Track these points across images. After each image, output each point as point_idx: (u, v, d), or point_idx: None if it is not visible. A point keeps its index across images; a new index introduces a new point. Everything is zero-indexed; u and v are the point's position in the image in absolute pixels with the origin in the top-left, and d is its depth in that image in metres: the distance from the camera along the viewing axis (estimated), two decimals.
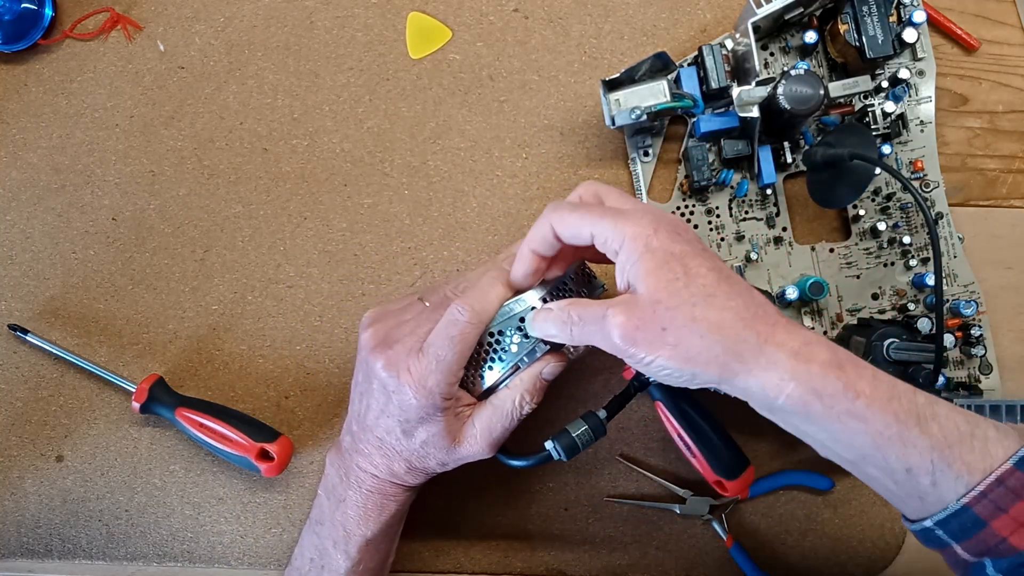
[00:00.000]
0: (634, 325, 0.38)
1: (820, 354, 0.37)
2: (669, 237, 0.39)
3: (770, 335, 0.37)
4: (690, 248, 0.39)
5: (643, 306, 0.38)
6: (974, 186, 0.57)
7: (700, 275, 0.38)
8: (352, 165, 0.59)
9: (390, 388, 0.45)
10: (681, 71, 0.54)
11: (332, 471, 0.49)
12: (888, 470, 0.37)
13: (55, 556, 0.59)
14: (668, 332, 0.37)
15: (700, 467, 0.55)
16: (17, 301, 0.59)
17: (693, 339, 0.37)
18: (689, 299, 0.37)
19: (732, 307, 0.38)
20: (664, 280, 0.38)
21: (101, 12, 0.60)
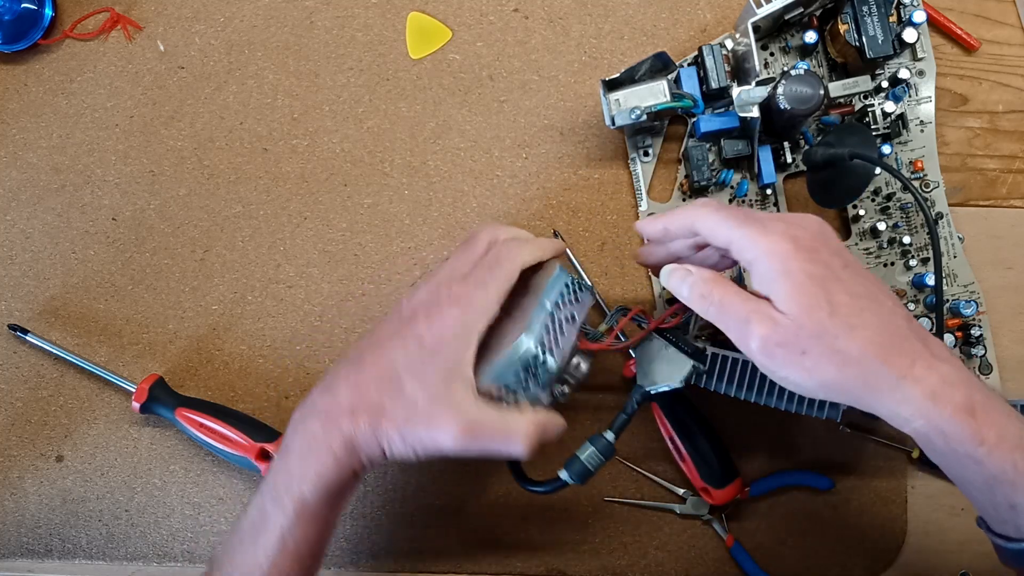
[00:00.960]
0: (775, 342, 0.38)
1: (955, 396, 0.37)
2: (808, 257, 0.38)
3: (908, 370, 0.38)
4: (829, 271, 0.39)
5: (785, 326, 0.38)
6: (974, 186, 0.57)
7: (842, 303, 0.38)
8: (352, 165, 0.59)
9: (424, 303, 0.44)
10: (681, 71, 0.54)
11: (290, 423, 0.44)
12: (992, 503, 0.38)
13: (55, 556, 0.59)
14: (807, 356, 0.38)
15: (688, 472, 0.55)
16: (17, 301, 0.59)
17: (830, 369, 0.38)
18: (832, 329, 0.38)
19: (873, 339, 0.38)
20: (807, 307, 0.38)
21: (101, 12, 0.60)
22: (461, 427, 0.41)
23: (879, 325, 0.38)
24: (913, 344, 0.38)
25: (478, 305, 0.43)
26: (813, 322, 0.38)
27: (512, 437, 0.42)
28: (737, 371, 0.48)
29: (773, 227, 0.39)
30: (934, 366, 0.38)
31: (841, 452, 0.57)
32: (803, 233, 0.39)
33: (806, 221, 0.41)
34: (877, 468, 0.56)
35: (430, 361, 0.42)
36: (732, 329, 0.40)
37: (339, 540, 0.58)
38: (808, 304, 0.38)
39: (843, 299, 0.38)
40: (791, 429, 0.57)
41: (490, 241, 0.46)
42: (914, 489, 0.57)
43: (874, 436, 0.56)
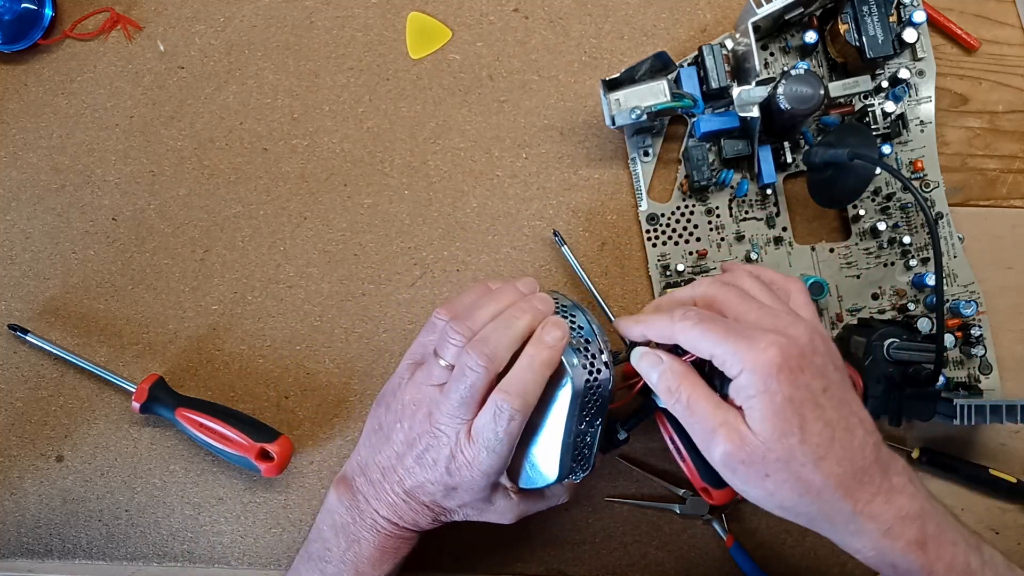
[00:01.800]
0: (739, 459, 0.39)
1: (908, 531, 0.38)
2: (790, 379, 0.38)
3: (867, 505, 0.38)
4: (809, 395, 0.38)
5: (753, 445, 0.38)
6: (974, 186, 0.57)
7: (815, 432, 0.38)
8: (352, 165, 0.59)
9: (440, 460, 0.43)
10: (681, 71, 0.54)
11: (342, 509, 0.47)
12: None
13: (55, 556, 0.59)
14: (770, 479, 0.39)
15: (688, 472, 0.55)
16: (17, 301, 0.59)
17: (791, 495, 0.39)
18: (799, 458, 0.38)
19: (838, 473, 0.38)
20: (780, 431, 0.38)
21: (101, 12, 0.60)
22: (509, 519, 0.47)
23: (846, 457, 0.38)
24: (875, 476, 0.39)
25: (492, 467, 0.43)
26: (782, 447, 0.38)
27: (556, 501, 0.49)
28: None
29: (759, 338, 0.38)
30: (892, 500, 0.39)
31: None
32: (791, 348, 0.38)
33: (797, 330, 0.39)
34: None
35: (463, 495, 0.45)
36: (697, 433, 0.40)
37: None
38: (781, 429, 0.38)
39: (816, 427, 0.38)
40: None
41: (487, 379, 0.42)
42: None
43: None
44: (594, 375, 0.43)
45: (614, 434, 0.51)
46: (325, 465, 0.58)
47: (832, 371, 0.40)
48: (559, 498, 0.49)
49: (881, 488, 0.39)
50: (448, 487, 0.44)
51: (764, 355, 0.38)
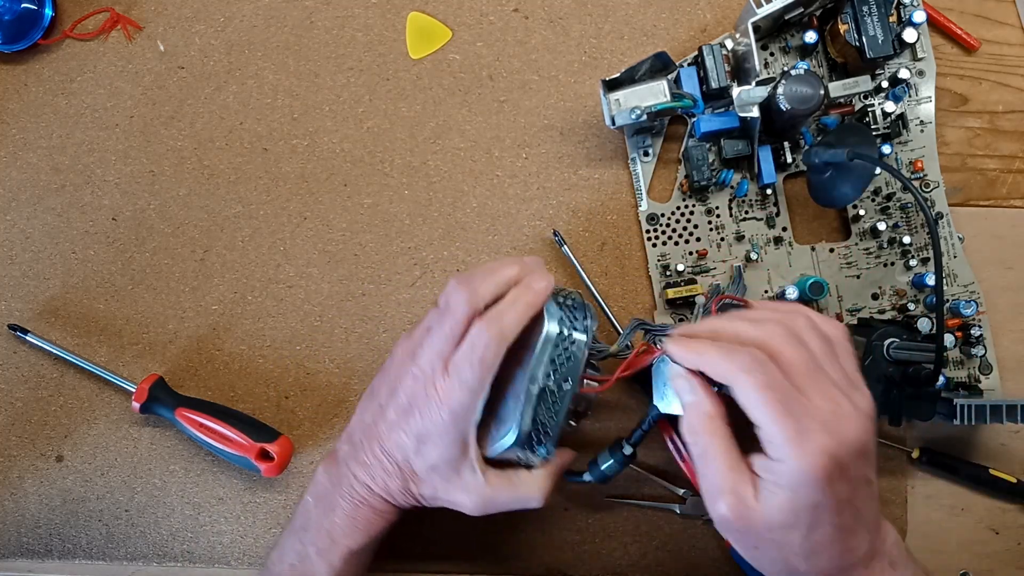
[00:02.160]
0: (737, 527, 0.39)
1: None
2: (825, 488, 0.37)
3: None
4: (835, 502, 0.37)
5: (755, 521, 0.38)
6: (974, 186, 0.57)
7: (821, 534, 0.38)
8: (352, 165, 0.59)
9: (416, 401, 0.44)
10: (681, 71, 0.54)
11: (324, 479, 0.48)
12: None
13: (55, 556, 0.58)
14: (758, 551, 0.40)
15: (688, 473, 0.55)
16: (17, 301, 0.59)
17: (772, 569, 0.40)
18: (795, 548, 0.38)
19: (824, 568, 0.39)
20: (788, 524, 0.38)
21: (101, 12, 0.60)
22: (475, 503, 0.45)
23: (837, 556, 0.39)
24: (856, 571, 0.40)
25: (463, 404, 0.43)
26: (783, 536, 0.38)
27: (526, 499, 0.46)
28: None
29: (813, 437, 0.36)
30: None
31: None
32: (840, 455, 0.37)
33: (853, 428, 0.38)
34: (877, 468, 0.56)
35: (432, 451, 0.44)
36: (704, 484, 0.40)
37: None
38: (792, 523, 0.38)
39: (825, 531, 0.38)
40: None
41: (469, 313, 0.43)
42: (914, 489, 0.57)
43: None
44: (570, 332, 0.44)
45: (620, 450, 0.50)
46: None
47: (866, 476, 0.39)
48: (530, 492, 0.46)
49: (861, 571, 0.40)
50: (419, 436, 0.44)
51: (811, 460, 0.36)
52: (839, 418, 0.38)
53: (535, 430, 0.45)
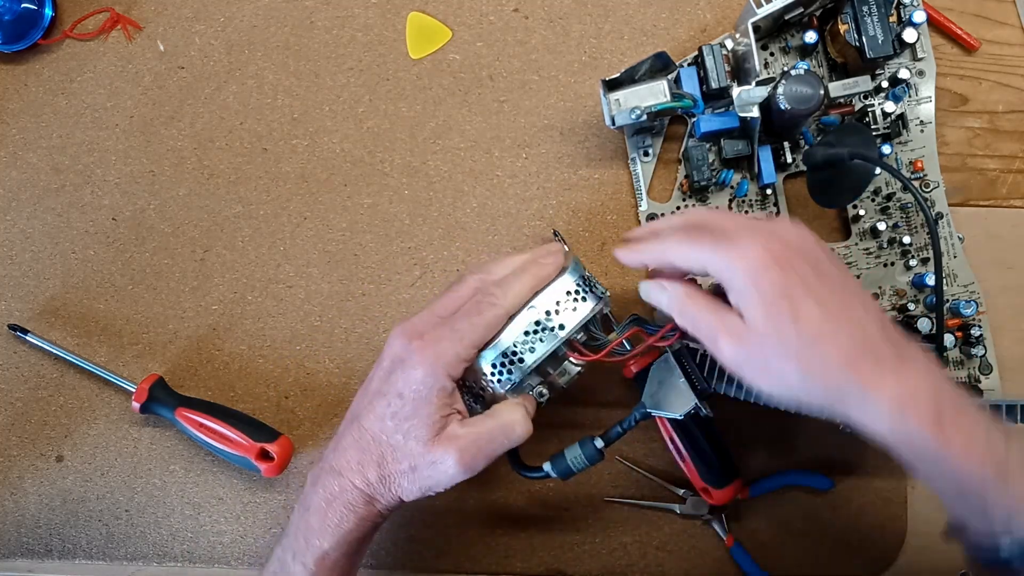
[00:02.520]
0: (742, 357, 0.40)
1: (921, 406, 0.37)
2: (779, 270, 0.39)
3: (875, 380, 0.38)
4: (800, 281, 0.39)
5: (751, 338, 0.39)
6: (974, 186, 0.57)
7: (809, 315, 0.38)
8: (352, 165, 0.59)
9: (398, 358, 0.44)
10: (681, 71, 0.54)
11: (308, 482, 0.47)
12: (966, 508, 0.39)
13: (55, 556, 0.59)
14: (773, 368, 0.39)
15: (688, 472, 0.55)
16: (17, 301, 0.59)
17: (795, 379, 0.39)
18: (795, 340, 0.38)
19: (837, 349, 0.38)
20: (772, 319, 0.39)
21: (101, 12, 0.60)
22: (460, 453, 0.43)
23: (847, 335, 0.38)
24: (882, 352, 0.38)
25: (449, 357, 0.43)
26: (777, 333, 0.38)
27: (511, 427, 0.45)
28: None
29: (745, 241, 0.40)
30: (903, 375, 0.38)
31: (841, 452, 0.56)
32: (777, 244, 0.39)
33: (782, 228, 0.41)
34: (877, 468, 0.56)
35: (413, 413, 0.44)
36: (706, 343, 0.42)
37: None
38: (773, 315, 0.38)
39: (809, 308, 0.38)
40: (791, 429, 0.57)
41: (477, 286, 0.45)
42: (914, 489, 0.57)
43: None
44: (582, 290, 0.45)
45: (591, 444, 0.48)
46: None
47: (826, 261, 0.40)
48: (511, 416, 0.45)
49: (890, 363, 0.38)
50: (397, 398, 0.43)
51: (750, 252, 0.39)
52: (766, 227, 0.41)
53: (512, 353, 0.45)
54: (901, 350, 0.39)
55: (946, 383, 0.39)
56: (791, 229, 0.41)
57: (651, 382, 0.49)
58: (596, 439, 0.48)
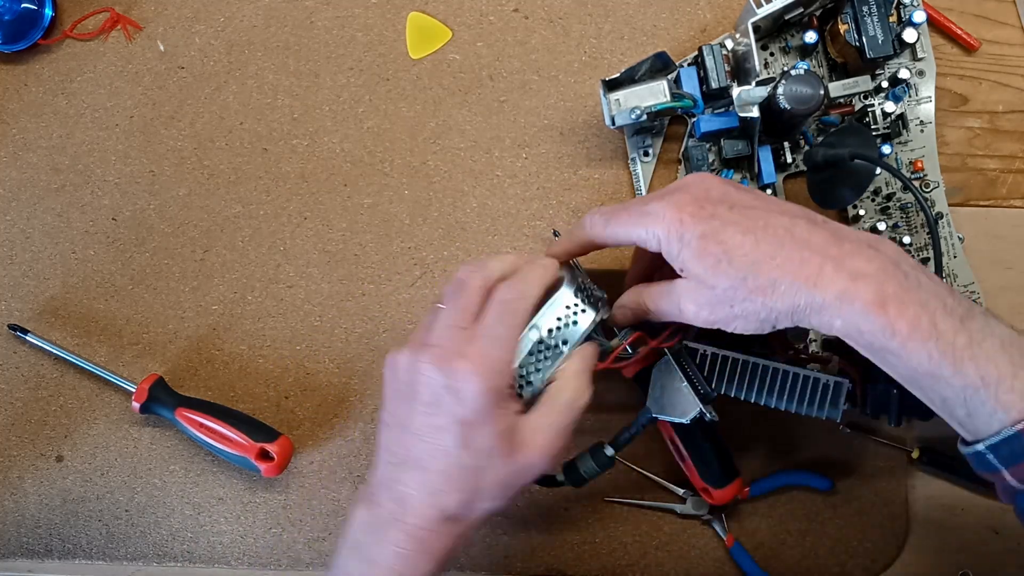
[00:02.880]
0: (706, 311, 0.41)
1: (863, 292, 0.37)
2: (694, 219, 0.40)
3: (818, 277, 0.38)
4: (717, 220, 0.40)
5: (703, 291, 0.40)
6: (974, 186, 0.57)
7: (737, 246, 0.39)
8: (352, 165, 0.59)
9: (442, 383, 0.40)
10: (681, 71, 0.54)
11: (361, 528, 0.42)
12: (926, 398, 0.39)
13: (55, 556, 0.59)
14: (734, 307, 0.40)
15: (688, 472, 0.55)
16: (17, 301, 0.59)
17: (757, 306, 0.39)
18: (738, 275, 0.39)
19: (779, 264, 0.38)
20: (709, 266, 0.39)
21: (101, 12, 0.60)
22: (542, 453, 0.42)
23: (780, 246, 0.39)
24: (823, 250, 0.38)
25: (501, 365, 0.41)
26: (719, 276, 0.39)
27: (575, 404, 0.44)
28: (737, 371, 0.48)
29: (655, 207, 0.41)
30: (844, 265, 0.38)
31: (841, 452, 0.56)
32: (684, 196, 0.41)
33: (684, 183, 0.42)
34: (877, 468, 0.56)
35: (484, 436, 0.40)
36: (675, 317, 0.43)
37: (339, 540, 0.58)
38: (710, 264, 0.39)
39: (737, 240, 0.39)
40: (791, 429, 0.57)
41: (483, 286, 0.43)
42: (914, 489, 0.57)
43: (874, 436, 0.56)
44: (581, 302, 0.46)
45: (601, 452, 0.49)
46: (325, 465, 0.58)
47: (734, 192, 0.41)
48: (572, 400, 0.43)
49: (831, 257, 0.38)
50: (459, 422, 0.40)
51: (663, 215, 0.40)
52: (670, 188, 0.43)
53: (520, 376, 0.43)
54: (842, 242, 0.39)
55: (894, 266, 0.38)
56: (691, 180, 0.42)
57: (654, 386, 0.49)
58: (606, 446, 0.48)
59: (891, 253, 0.39)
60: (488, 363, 0.40)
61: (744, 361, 0.48)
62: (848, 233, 0.40)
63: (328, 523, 0.58)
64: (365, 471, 0.58)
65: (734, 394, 0.48)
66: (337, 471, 0.58)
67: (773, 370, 0.48)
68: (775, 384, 0.47)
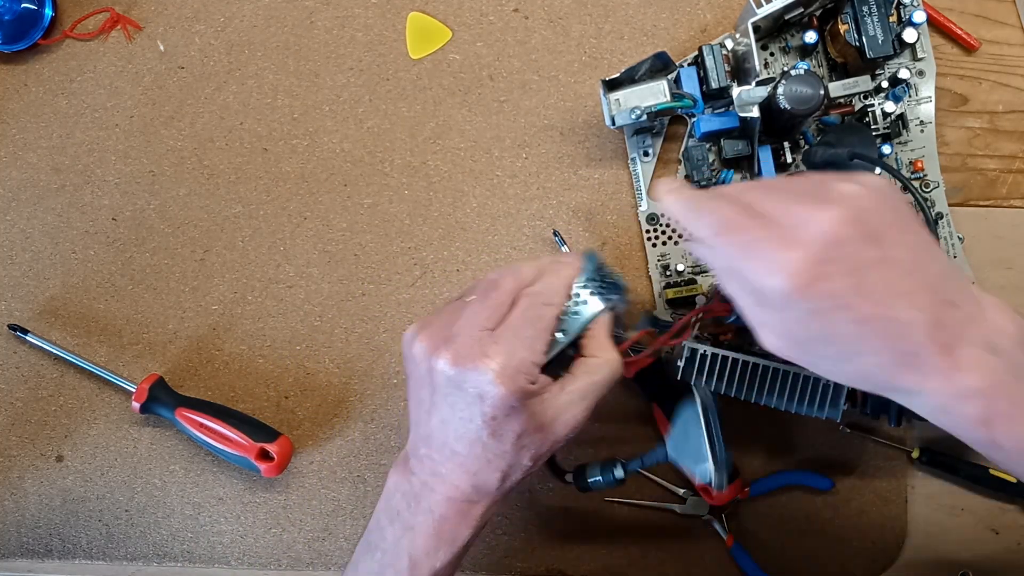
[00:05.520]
0: (794, 354, 0.38)
1: (969, 410, 0.35)
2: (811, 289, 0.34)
3: (919, 385, 0.36)
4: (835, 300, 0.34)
5: (791, 342, 0.37)
6: (974, 186, 0.57)
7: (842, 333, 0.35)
8: (352, 165, 0.59)
9: (466, 384, 0.40)
10: (681, 71, 0.54)
11: (397, 495, 0.44)
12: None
13: (55, 556, 0.59)
14: (818, 367, 0.38)
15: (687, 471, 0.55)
16: (17, 301, 0.59)
17: (840, 375, 0.38)
18: (831, 352, 0.36)
19: (878, 363, 0.36)
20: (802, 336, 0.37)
21: (101, 12, 0.60)
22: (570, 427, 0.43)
23: (886, 347, 0.35)
24: (929, 357, 0.35)
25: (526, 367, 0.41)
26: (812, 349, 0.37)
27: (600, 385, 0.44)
28: (737, 371, 0.48)
29: (767, 247, 0.35)
30: (953, 379, 0.35)
31: (841, 452, 0.57)
32: (804, 259, 0.34)
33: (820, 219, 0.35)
34: (877, 468, 0.56)
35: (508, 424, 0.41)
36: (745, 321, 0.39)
37: (339, 540, 0.58)
38: (802, 338, 0.36)
39: (845, 330, 0.35)
40: (791, 429, 0.57)
41: (515, 289, 0.43)
42: (914, 489, 0.57)
43: (874, 436, 0.56)
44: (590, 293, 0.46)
45: (611, 471, 0.49)
46: (325, 465, 0.58)
47: (870, 248, 0.35)
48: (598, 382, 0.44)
49: (938, 368, 0.35)
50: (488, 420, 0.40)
51: (775, 274, 0.34)
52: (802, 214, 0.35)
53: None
54: (955, 347, 0.35)
55: (1012, 377, 0.35)
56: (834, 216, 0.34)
57: (677, 426, 0.47)
58: (617, 467, 0.48)
59: (1010, 347, 0.35)
60: (514, 364, 0.40)
61: (744, 361, 0.48)
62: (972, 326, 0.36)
63: (328, 523, 0.58)
64: (365, 471, 0.58)
65: (734, 394, 0.48)
66: (337, 471, 0.58)
67: (773, 370, 0.48)
68: (775, 384, 0.47)
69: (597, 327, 0.46)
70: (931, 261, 0.36)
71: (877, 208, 0.35)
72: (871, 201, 0.35)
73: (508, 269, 0.44)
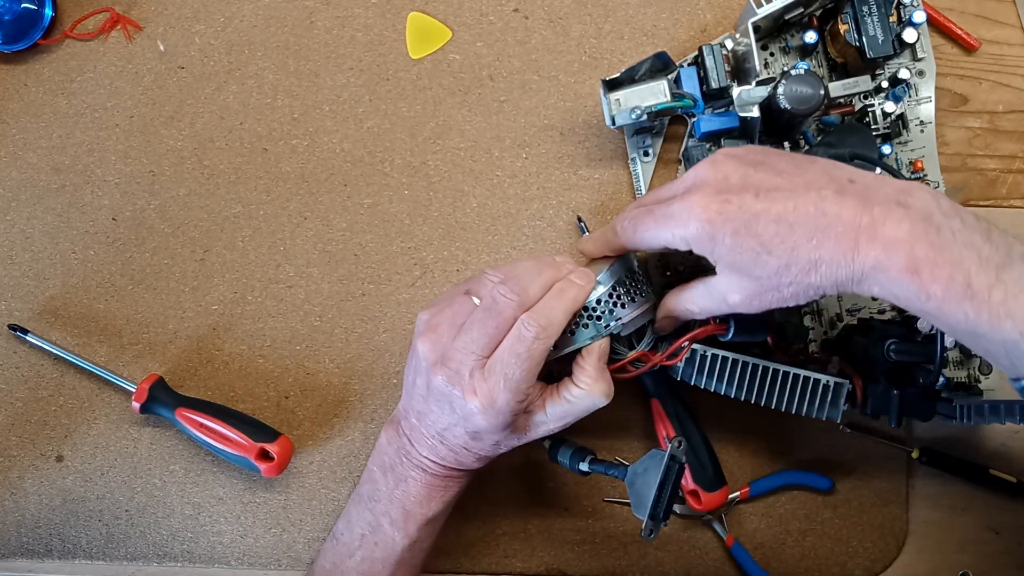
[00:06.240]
0: (756, 302, 0.41)
1: (895, 259, 0.37)
2: (722, 216, 0.39)
3: (855, 252, 0.38)
4: (746, 212, 0.39)
5: (747, 282, 0.41)
6: (974, 186, 0.57)
7: (772, 236, 0.39)
8: (352, 165, 0.59)
9: (455, 404, 0.44)
10: (681, 71, 0.54)
11: (391, 450, 0.48)
12: (972, 348, 0.40)
13: (55, 556, 0.59)
14: (782, 291, 0.40)
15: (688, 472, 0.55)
16: (17, 301, 0.59)
17: (802, 287, 0.40)
18: (781, 263, 0.39)
19: (816, 245, 0.38)
20: (749, 260, 0.40)
21: (101, 12, 0.60)
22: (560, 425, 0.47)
23: (815, 229, 0.38)
24: (855, 220, 0.38)
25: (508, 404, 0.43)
26: (764, 268, 0.39)
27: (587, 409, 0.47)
28: (737, 371, 0.48)
29: (678, 209, 0.41)
30: (877, 234, 0.37)
31: (841, 452, 0.57)
32: (705, 192, 0.40)
33: (701, 177, 0.41)
34: (877, 468, 0.56)
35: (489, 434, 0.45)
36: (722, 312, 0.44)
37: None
38: (749, 258, 0.39)
39: (772, 231, 0.39)
40: (791, 429, 0.57)
41: (515, 316, 0.44)
42: (914, 489, 0.57)
43: (874, 436, 0.56)
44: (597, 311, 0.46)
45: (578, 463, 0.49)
46: (325, 465, 0.58)
47: (754, 175, 0.40)
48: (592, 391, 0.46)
49: (863, 229, 0.38)
50: (470, 432, 0.45)
51: (691, 216, 0.40)
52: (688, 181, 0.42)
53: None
54: (871, 208, 0.38)
55: (925, 223, 0.37)
56: (707, 172, 0.41)
57: (642, 463, 0.46)
58: (585, 461, 0.48)
59: (922, 205, 0.38)
60: (497, 406, 0.43)
61: (744, 362, 0.48)
62: (877, 191, 0.39)
63: (328, 523, 0.58)
64: None
65: (734, 394, 0.48)
66: (337, 471, 0.58)
67: (773, 371, 0.48)
68: (775, 384, 0.47)
69: (588, 355, 0.46)
70: (812, 161, 0.41)
71: (745, 150, 0.42)
72: (737, 149, 0.42)
73: (514, 286, 0.44)
